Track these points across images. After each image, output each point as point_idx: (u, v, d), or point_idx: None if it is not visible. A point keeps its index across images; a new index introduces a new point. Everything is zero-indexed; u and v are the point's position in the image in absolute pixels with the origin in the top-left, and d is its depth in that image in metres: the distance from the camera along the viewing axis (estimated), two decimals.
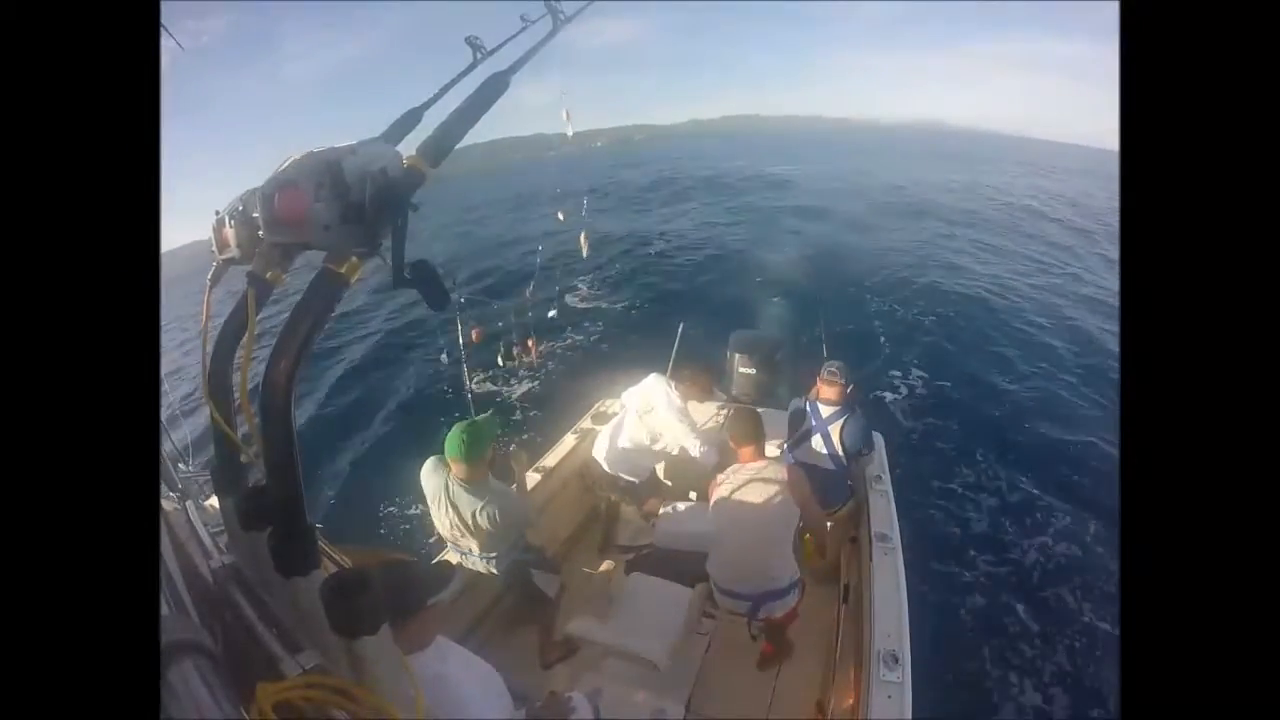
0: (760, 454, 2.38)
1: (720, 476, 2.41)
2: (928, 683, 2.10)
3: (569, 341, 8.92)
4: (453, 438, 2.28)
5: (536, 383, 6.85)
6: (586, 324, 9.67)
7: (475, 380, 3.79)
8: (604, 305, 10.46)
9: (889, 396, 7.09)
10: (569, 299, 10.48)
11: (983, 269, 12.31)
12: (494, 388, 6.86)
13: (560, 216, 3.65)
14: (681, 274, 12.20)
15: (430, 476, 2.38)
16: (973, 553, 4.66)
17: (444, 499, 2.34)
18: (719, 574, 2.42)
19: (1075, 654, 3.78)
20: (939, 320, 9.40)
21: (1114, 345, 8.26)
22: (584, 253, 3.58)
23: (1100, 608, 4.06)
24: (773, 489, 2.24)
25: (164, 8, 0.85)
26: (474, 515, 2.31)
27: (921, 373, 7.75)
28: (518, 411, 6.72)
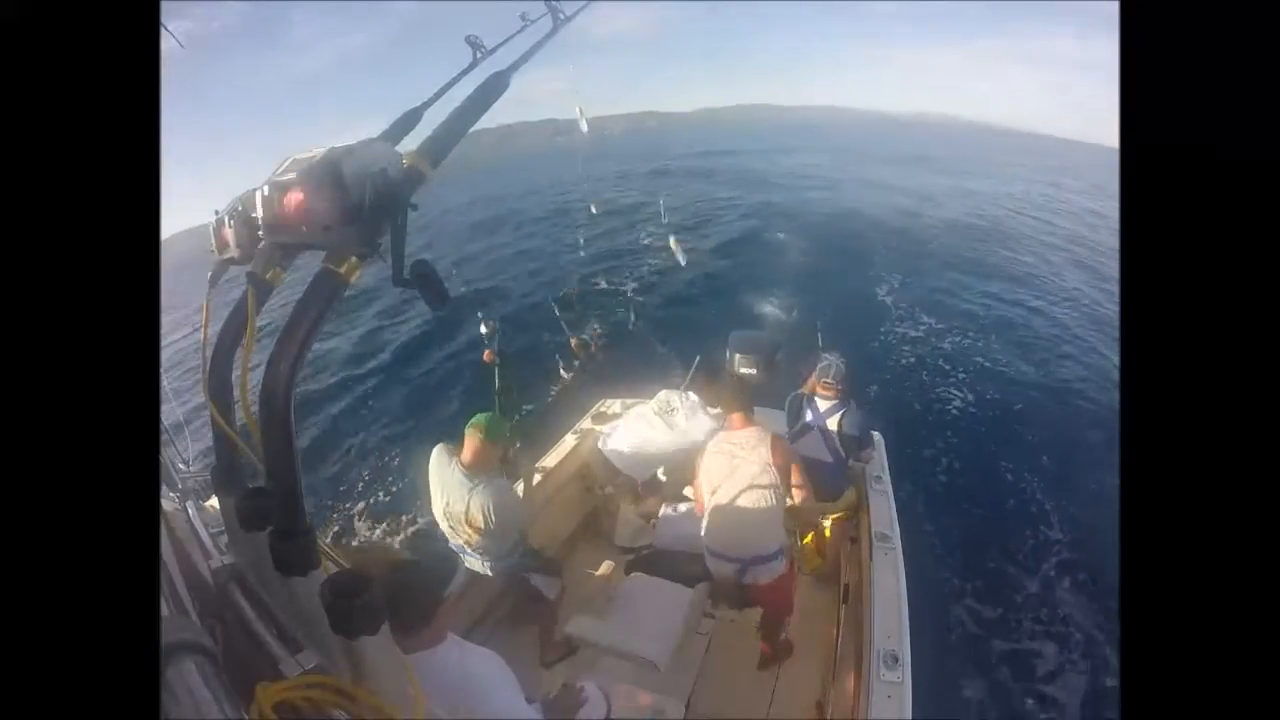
0: (749, 421, 2.48)
1: (710, 444, 2.53)
2: (928, 683, 2.12)
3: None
4: (476, 418, 2.35)
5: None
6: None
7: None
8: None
9: (892, 393, 7.10)
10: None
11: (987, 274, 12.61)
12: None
13: (594, 209, 3.64)
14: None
15: (437, 461, 2.42)
16: (973, 552, 4.66)
17: (444, 486, 2.37)
18: (708, 537, 2.49)
19: (1075, 654, 3.78)
20: (944, 315, 9.51)
21: (1115, 346, 8.31)
22: (681, 260, 3.42)
23: (1100, 608, 4.06)
24: (756, 455, 2.35)
25: (164, 7, 0.85)
26: (469, 506, 2.32)
27: (924, 372, 7.78)
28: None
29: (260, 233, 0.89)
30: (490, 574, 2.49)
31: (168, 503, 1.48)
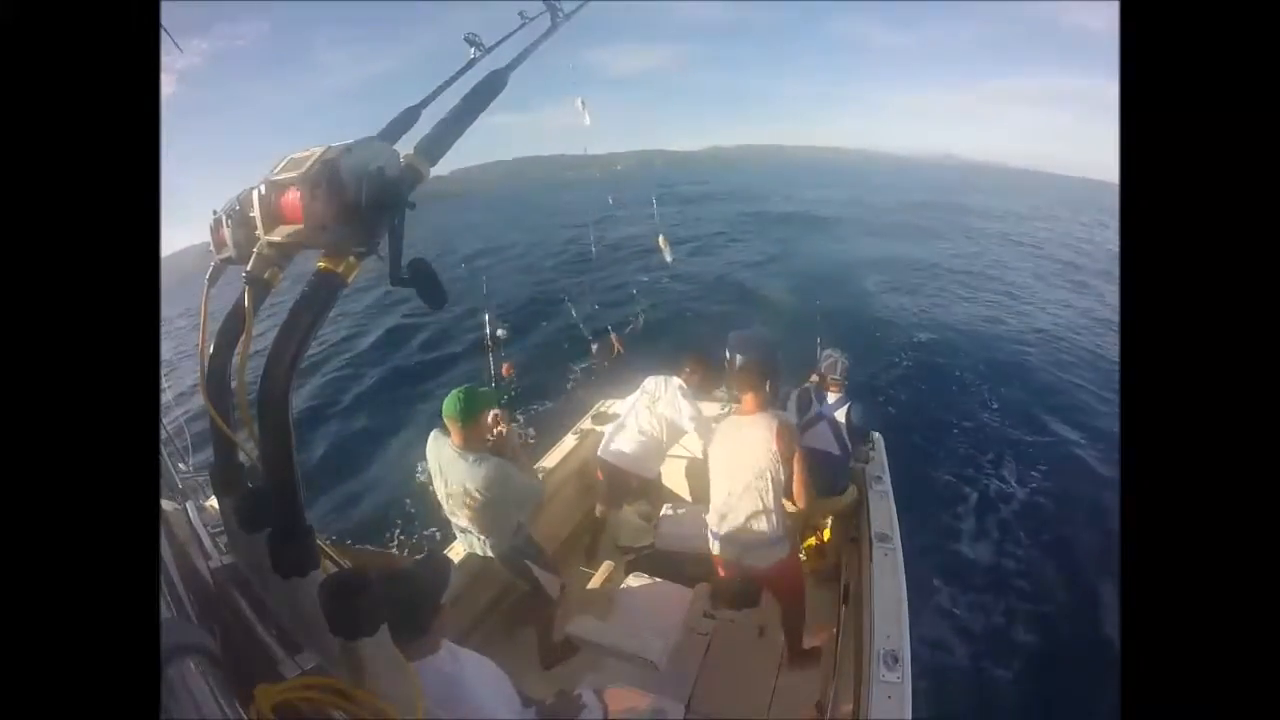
0: (760, 405, 2.44)
1: (720, 426, 2.55)
2: (928, 683, 2.13)
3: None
4: (450, 399, 2.33)
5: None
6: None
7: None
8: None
9: (890, 395, 7.14)
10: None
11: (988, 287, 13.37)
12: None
13: (611, 200, 3.59)
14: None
15: (434, 445, 2.41)
16: (972, 553, 4.66)
17: (441, 466, 2.38)
18: (712, 519, 2.50)
19: (1075, 654, 3.78)
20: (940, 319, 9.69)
21: (1115, 348, 8.40)
22: (667, 257, 3.31)
23: (1100, 607, 4.06)
24: (760, 438, 2.34)
25: (164, 8, 0.85)
26: (465, 482, 2.31)
27: (922, 370, 7.83)
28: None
29: (258, 232, 0.88)
30: (491, 554, 2.48)
31: (168, 503, 1.48)
